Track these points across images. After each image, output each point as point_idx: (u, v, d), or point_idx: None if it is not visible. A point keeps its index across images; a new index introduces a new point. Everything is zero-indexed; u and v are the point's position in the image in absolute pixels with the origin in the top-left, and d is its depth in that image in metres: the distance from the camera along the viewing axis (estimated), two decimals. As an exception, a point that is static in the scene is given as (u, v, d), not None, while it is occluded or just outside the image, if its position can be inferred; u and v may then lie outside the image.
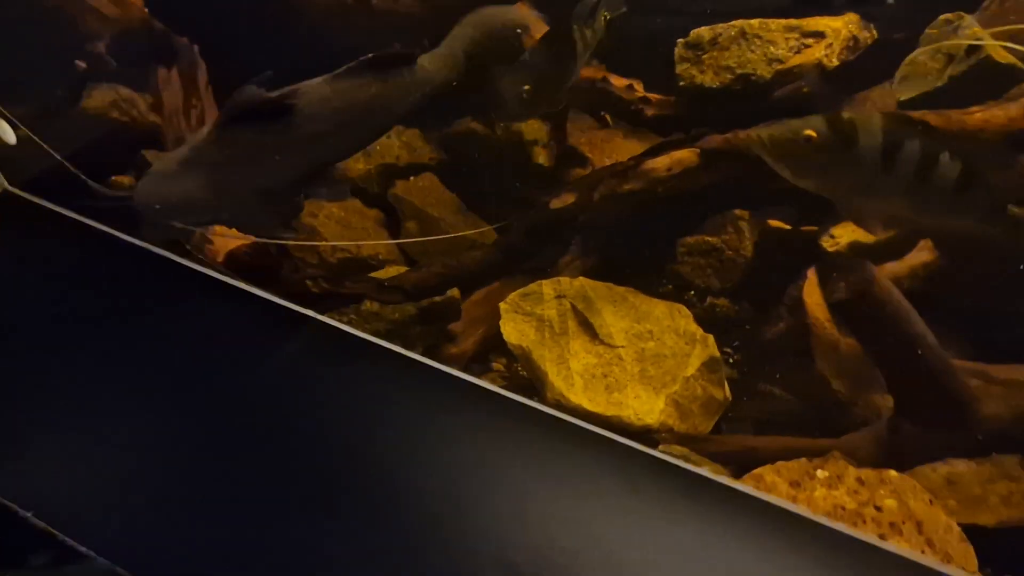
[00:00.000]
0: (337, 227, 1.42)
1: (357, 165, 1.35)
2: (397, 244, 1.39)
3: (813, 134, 1.02)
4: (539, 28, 1.13)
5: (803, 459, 1.17)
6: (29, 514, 1.15)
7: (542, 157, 1.18)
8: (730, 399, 1.29)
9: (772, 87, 1.07)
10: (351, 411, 1.35)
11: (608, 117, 1.15)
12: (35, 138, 1.50)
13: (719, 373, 1.29)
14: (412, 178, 1.28)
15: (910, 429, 1.14)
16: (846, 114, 1.02)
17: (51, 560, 1.26)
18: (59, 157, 1.38)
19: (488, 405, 1.36)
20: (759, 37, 1.05)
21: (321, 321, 1.47)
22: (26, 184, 1.70)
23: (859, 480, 1.15)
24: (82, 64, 1.43)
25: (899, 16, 1.00)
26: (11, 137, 1.60)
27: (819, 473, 1.17)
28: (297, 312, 1.49)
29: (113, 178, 1.58)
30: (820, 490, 1.15)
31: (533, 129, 1.18)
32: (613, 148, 1.16)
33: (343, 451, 1.29)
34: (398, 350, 1.42)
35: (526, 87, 1.14)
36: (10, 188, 1.72)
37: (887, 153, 1.01)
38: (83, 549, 1.12)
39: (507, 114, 1.15)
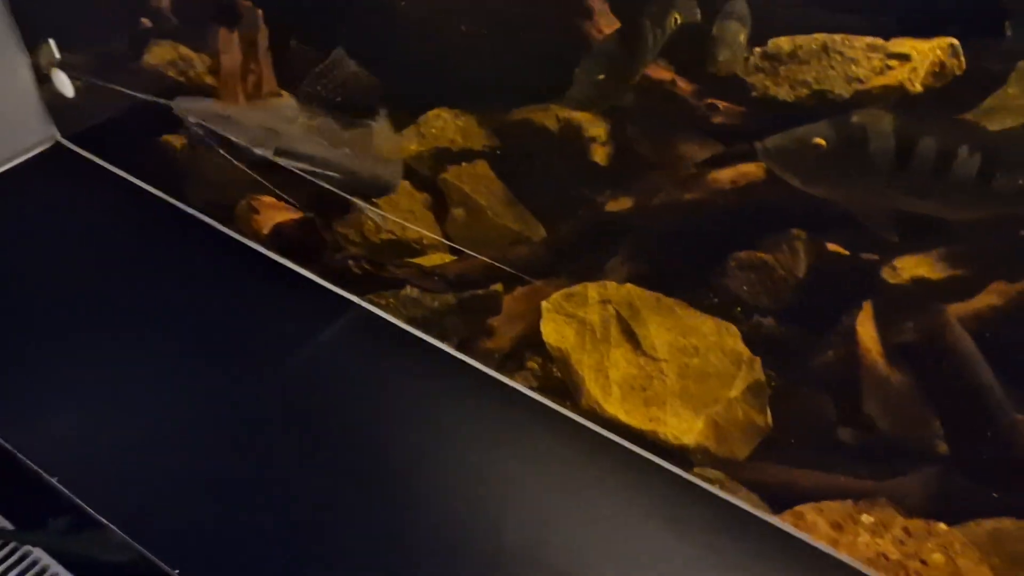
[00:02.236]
0: (385, 206, 1.39)
1: (411, 146, 1.32)
2: (442, 230, 1.36)
3: (822, 142, 1.00)
4: (605, 17, 1.08)
5: (848, 501, 1.13)
6: (54, 480, 1.16)
7: (599, 155, 1.14)
8: (771, 426, 1.23)
9: (849, 107, 1.00)
10: (380, 399, 1.34)
11: (671, 121, 1.11)
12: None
13: (763, 398, 1.24)
14: (464, 164, 1.25)
15: (965, 483, 1.07)
16: (855, 118, 0.99)
17: (70, 525, 1.26)
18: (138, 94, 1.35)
19: (520, 407, 1.34)
20: (841, 54, 1.00)
21: (361, 306, 1.45)
22: (77, 137, 1.71)
23: (906, 530, 1.10)
24: (147, 22, 1.42)
25: (996, 45, 0.94)
26: (69, 89, 1.61)
27: (864, 518, 1.13)
28: (336, 294, 1.48)
29: (163, 137, 1.57)
30: (864, 536, 1.11)
31: (593, 125, 1.14)
32: (672, 153, 1.12)
33: (366, 438, 1.28)
34: (435, 343, 1.40)
35: (600, 76, 1.11)
36: (62, 140, 1.72)
37: (901, 153, 0.98)
38: (101, 519, 1.12)
39: (576, 100, 1.11)
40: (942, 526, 1.08)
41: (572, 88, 1.15)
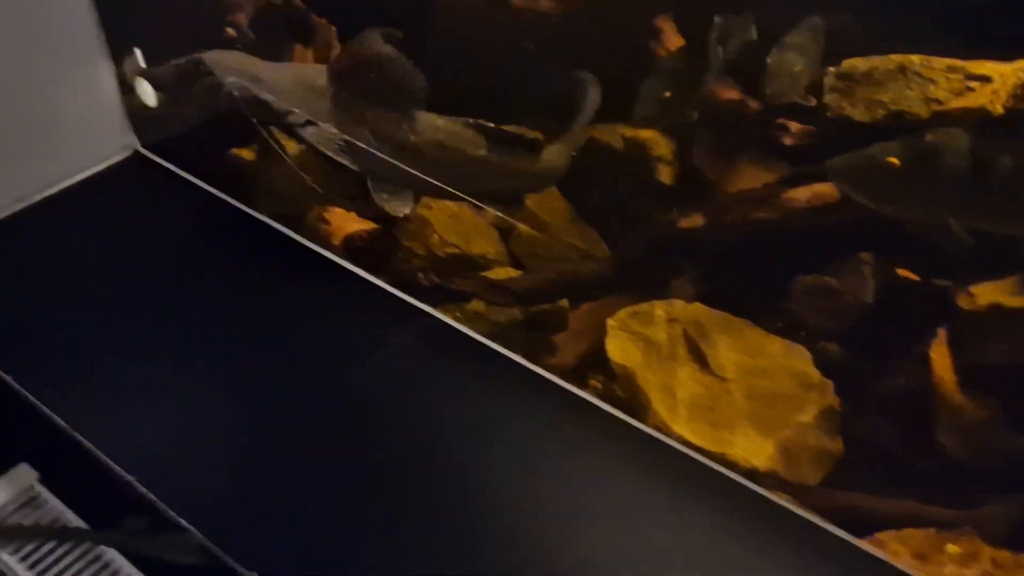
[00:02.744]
0: (449, 221, 1.40)
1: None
2: (506, 246, 1.37)
3: (895, 161, 0.99)
4: (672, 37, 1.08)
5: (931, 529, 1.11)
6: (133, 478, 1.18)
7: (665, 175, 1.13)
8: (842, 452, 1.20)
9: (926, 127, 0.98)
10: (452, 408, 1.34)
11: (739, 141, 1.09)
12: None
13: (834, 423, 1.20)
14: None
15: None
16: (929, 136, 0.97)
17: (146, 526, 1.29)
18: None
19: (590, 420, 1.33)
20: (919, 75, 0.97)
21: (431, 315, 1.46)
22: (155, 146, 1.75)
23: (995, 562, 1.07)
24: (232, 32, 1.45)
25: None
26: (152, 98, 1.65)
27: (949, 548, 1.10)
28: (407, 303, 1.49)
29: (234, 150, 1.60)
30: (950, 567, 1.09)
31: (659, 144, 1.12)
32: (738, 174, 1.10)
33: (439, 446, 1.28)
34: (507, 354, 1.40)
35: (665, 93, 1.11)
36: (141, 150, 1.77)
37: (977, 170, 0.96)
38: (181, 520, 1.14)
39: (641, 118, 1.10)
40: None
41: (637, 105, 1.14)
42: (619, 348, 1.33)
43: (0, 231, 1.58)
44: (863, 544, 1.19)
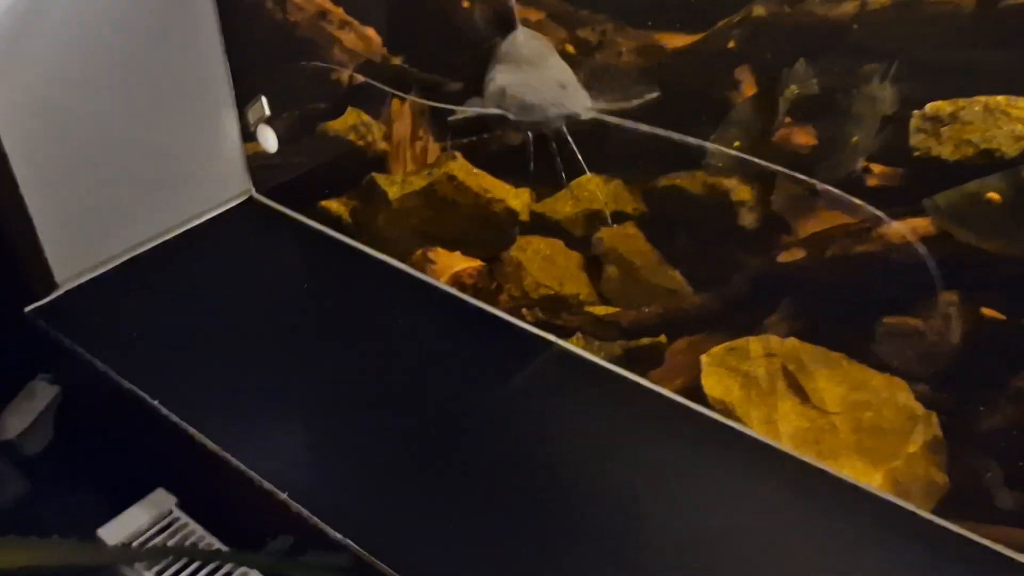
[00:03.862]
0: (543, 263, 1.43)
1: (565, 208, 1.35)
2: (596, 288, 1.39)
3: (996, 197, 0.98)
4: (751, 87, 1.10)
5: None
6: (284, 494, 1.22)
7: (748, 219, 1.14)
8: (949, 484, 1.18)
9: (1017, 163, 0.97)
10: (579, 434, 1.36)
11: (816, 186, 1.10)
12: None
13: (941, 455, 1.18)
14: (615, 225, 1.28)
15: None
16: None
17: (290, 546, 1.35)
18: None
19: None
20: (1006, 114, 0.96)
21: (554, 344, 1.49)
22: (270, 191, 1.85)
23: None
24: (351, 80, 1.52)
25: None
26: (273, 145, 1.74)
27: None
28: (523, 330, 1.52)
29: (321, 203, 1.66)
30: None
31: (740, 190, 1.13)
32: (819, 218, 1.10)
33: (580, 465, 1.31)
34: (632, 377, 1.42)
35: (736, 143, 1.12)
36: (256, 195, 1.87)
37: None
38: (338, 536, 1.17)
39: (715, 167, 1.15)
40: None
41: (709, 155, 1.17)
42: (717, 383, 1.33)
43: (129, 270, 1.67)
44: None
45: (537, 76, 1.22)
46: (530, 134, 1.25)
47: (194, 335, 1.52)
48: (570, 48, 1.25)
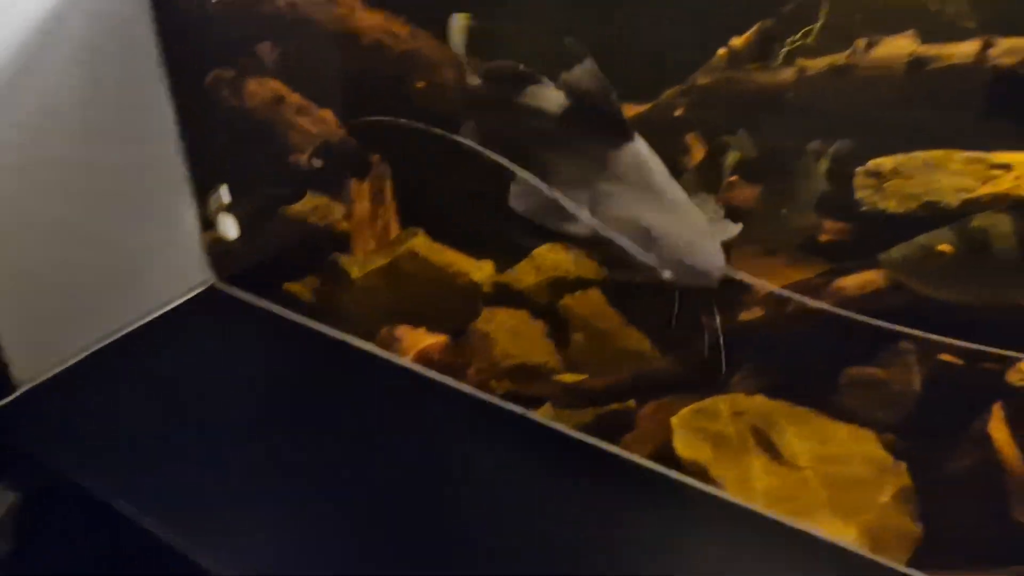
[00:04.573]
0: (508, 335, 1.44)
1: (528, 278, 1.37)
2: (563, 355, 1.40)
3: (948, 248, 1.02)
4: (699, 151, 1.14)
5: None
6: None
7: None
8: (922, 534, 1.20)
9: (960, 215, 1.02)
10: (557, 511, 1.35)
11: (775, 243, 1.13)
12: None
13: (913, 504, 1.20)
14: (579, 292, 1.29)
15: None
16: (975, 222, 1.00)
17: None
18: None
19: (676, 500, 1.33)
20: (945, 168, 1.02)
21: (520, 415, 1.49)
22: (231, 278, 1.85)
23: None
24: (312, 163, 1.54)
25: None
26: (233, 232, 1.74)
27: None
28: (494, 406, 1.52)
29: (295, 290, 1.67)
30: None
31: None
32: (776, 276, 1.13)
33: (555, 550, 1.29)
34: (604, 446, 1.42)
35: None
36: (217, 284, 1.86)
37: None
38: None
39: None
40: None
41: None
42: (688, 445, 1.34)
43: (89, 367, 1.64)
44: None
45: (688, 222, 1.10)
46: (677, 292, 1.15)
47: (158, 432, 1.49)
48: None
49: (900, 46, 1.01)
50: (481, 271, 1.45)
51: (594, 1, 1.17)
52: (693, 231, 1.10)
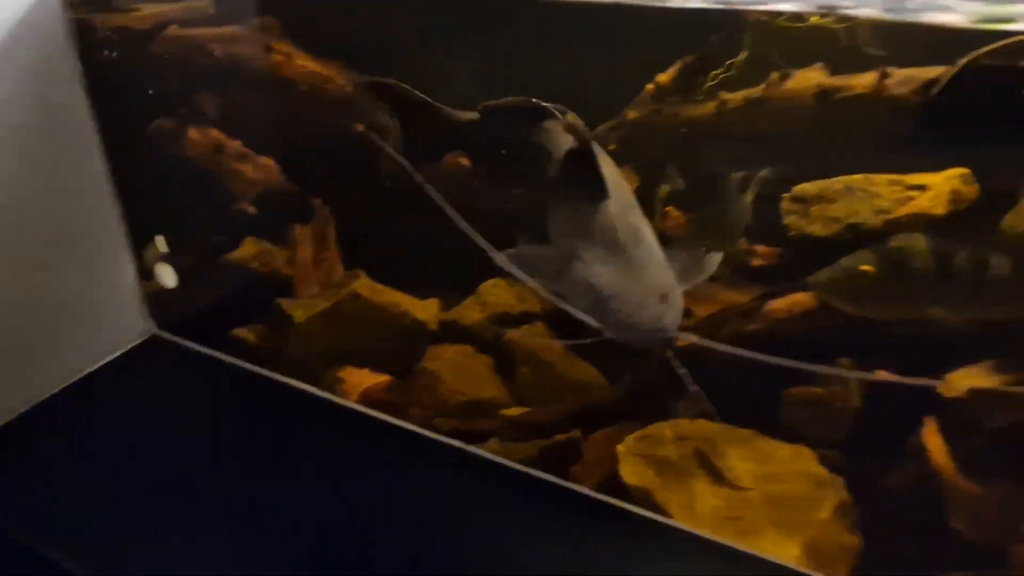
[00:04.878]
0: (454, 371, 1.47)
1: (473, 314, 1.41)
2: (511, 389, 1.43)
3: (869, 268, 1.08)
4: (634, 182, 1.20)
5: None
6: None
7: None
8: (863, 546, 1.23)
9: (880, 235, 1.09)
10: (505, 547, 1.36)
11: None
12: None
13: (851, 518, 1.24)
14: (524, 326, 1.32)
15: None
16: (893, 242, 1.07)
17: None
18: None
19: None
20: (864, 190, 1.08)
21: (469, 452, 1.50)
22: (172, 327, 1.84)
23: None
24: (251, 209, 1.56)
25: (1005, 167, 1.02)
26: (171, 281, 1.74)
27: None
28: (440, 443, 1.53)
29: (239, 336, 1.67)
30: None
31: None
32: (712, 302, 1.17)
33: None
34: (550, 479, 1.43)
35: None
36: (158, 332, 1.86)
37: (940, 269, 1.06)
38: None
39: None
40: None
41: None
42: (634, 472, 1.36)
43: (28, 423, 1.62)
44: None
45: (637, 279, 1.05)
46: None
47: (101, 485, 1.47)
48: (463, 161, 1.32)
49: (810, 78, 1.08)
50: (425, 310, 1.47)
51: (525, 43, 1.22)
52: (640, 288, 1.05)
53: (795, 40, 1.07)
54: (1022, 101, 0.96)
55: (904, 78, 1.03)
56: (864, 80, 1.05)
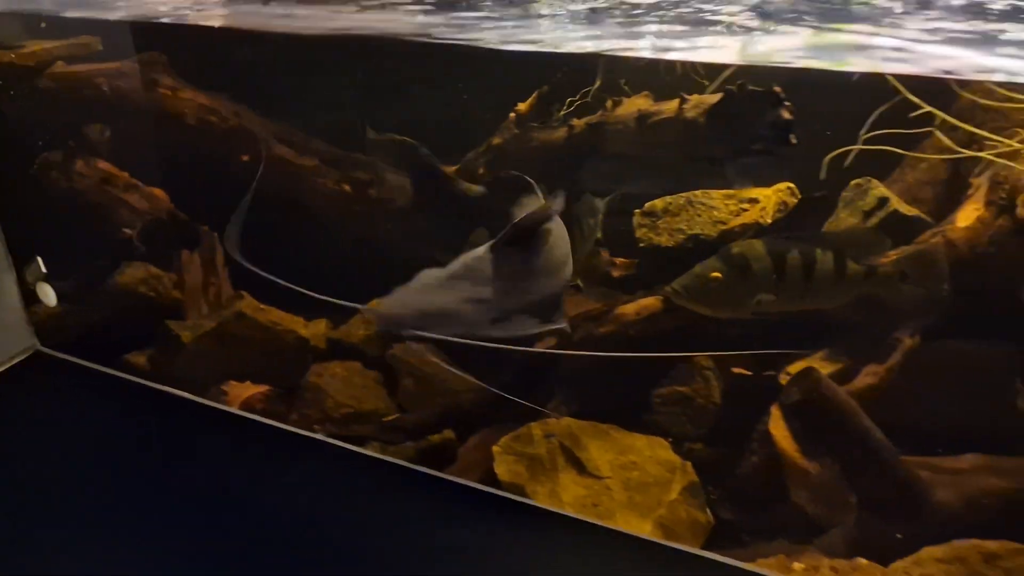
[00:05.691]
0: (340, 385, 1.54)
1: (359, 332, 1.50)
2: (395, 400, 1.51)
3: (718, 275, 1.19)
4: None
5: (780, 555, 1.29)
6: None
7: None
8: (713, 522, 1.38)
9: (718, 244, 1.21)
10: (382, 530, 1.43)
11: (579, 282, 1.31)
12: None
13: (700, 498, 1.38)
14: (407, 341, 1.40)
15: (875, 522, 1.23)
16: (735, 248, 1.19)
17: None
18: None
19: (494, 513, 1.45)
20: (703, 204, 1.23)
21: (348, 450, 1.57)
22: (56, 344, 1.85)
23: (833, 569, 1.26)
24: (129, 232, 1.60)
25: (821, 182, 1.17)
26: (52, 299, 1.76)
27: (795, 565, 1.29)
28: (319, 442, 1.60)
29: (127, 356, 1.72)
30: None
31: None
32: (577, 305, 1.32)
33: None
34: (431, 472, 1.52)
35: None
36: (42, 348, 1.87)
37: (777, 268, 1.17)
38: None
39: None
40: (863, 561, 1.24)
41: None
42: (507, 470, 1.47)
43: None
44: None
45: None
46: None
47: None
48: (347, 187, 1.42)
49: (635, 104, 1.22)
50: (308, 328, 1.55)
51: (400, 77, 1.32)
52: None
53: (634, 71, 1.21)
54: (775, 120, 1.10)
55: (696, 103, 1.16)
56: (671, 105, 1.18)
